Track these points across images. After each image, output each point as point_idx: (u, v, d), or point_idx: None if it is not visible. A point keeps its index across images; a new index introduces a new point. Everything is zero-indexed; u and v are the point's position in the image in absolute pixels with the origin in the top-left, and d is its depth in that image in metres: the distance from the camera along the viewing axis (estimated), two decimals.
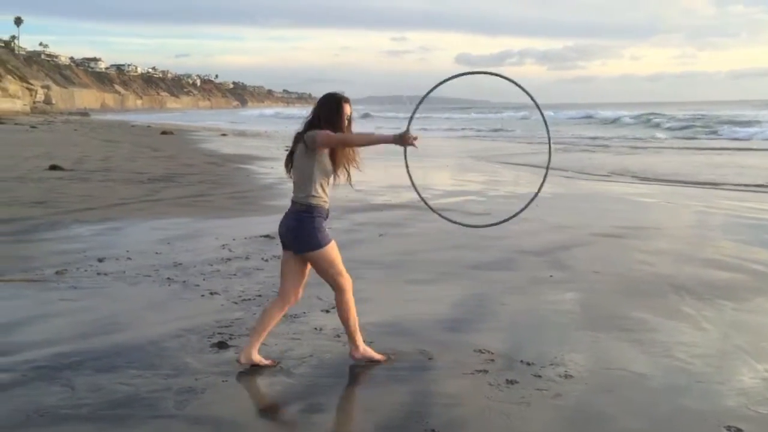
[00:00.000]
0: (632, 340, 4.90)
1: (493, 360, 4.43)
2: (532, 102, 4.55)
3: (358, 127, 4.27)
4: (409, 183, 4.39)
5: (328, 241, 4.13)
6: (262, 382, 4.04)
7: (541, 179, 4.41)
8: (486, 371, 4.24)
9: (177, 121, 65.41)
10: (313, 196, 4.07)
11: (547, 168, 4.53)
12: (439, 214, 4.58)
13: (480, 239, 8.51)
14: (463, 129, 50.97)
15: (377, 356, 4.36)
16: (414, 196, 4.32)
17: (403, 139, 3.98)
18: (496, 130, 47.12)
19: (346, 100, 4.13)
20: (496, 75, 4.69)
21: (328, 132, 3.99)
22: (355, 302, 4.29)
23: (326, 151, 4.07)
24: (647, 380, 4.17)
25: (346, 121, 4.09)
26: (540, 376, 4.18)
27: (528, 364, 4.37)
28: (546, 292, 6.16)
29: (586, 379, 4.18)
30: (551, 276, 6.71)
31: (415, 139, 4.01)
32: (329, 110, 4.08)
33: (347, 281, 4.25)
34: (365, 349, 4.35)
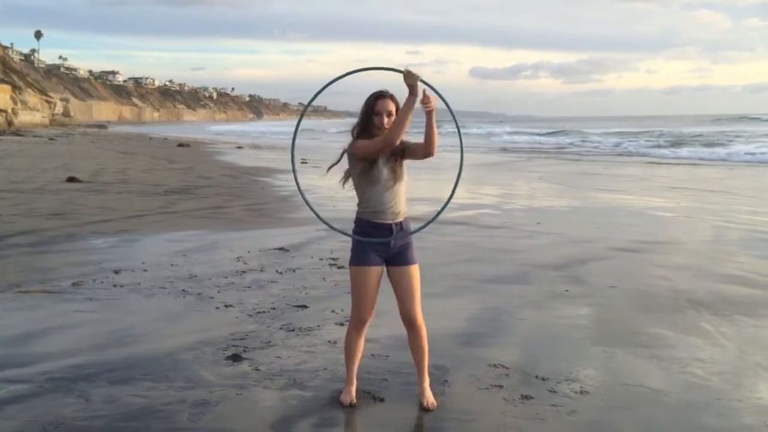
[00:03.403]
0: (649, 356, 4.85)
1: (508, 375, 4.40)
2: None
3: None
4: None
5: (353, 263, 3.86)
6: (276, 396, 4.04)
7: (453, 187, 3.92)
8: (501, 386, 4.22)
9: (192, 134, 65.88)
10: (358, 205, 3.88)
11: (459, 172, 3.92)
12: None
13: (495, 253, 8.50)
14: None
15: (343, 397, 4.00)
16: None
17: (409, 80, 3.57)
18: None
19: (380, 96, 3.77)
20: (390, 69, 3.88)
21: (362, 142, 3.74)
22: (353, 335, 3.97)
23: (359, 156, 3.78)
24: (664, 397, 4.13)
25: (386, 118, 3.73)
26: (555, 392, 4.14)
27: (543, 379, 4.33)
28: (562, 306, 6.12)
29: (602, 395, 4.14)
30: (567, 290, 6.66)
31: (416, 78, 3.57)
32: (361, 114, 3.81)
33: (357, 314, 3.89)
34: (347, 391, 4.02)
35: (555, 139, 52.82)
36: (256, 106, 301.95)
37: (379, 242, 3.80)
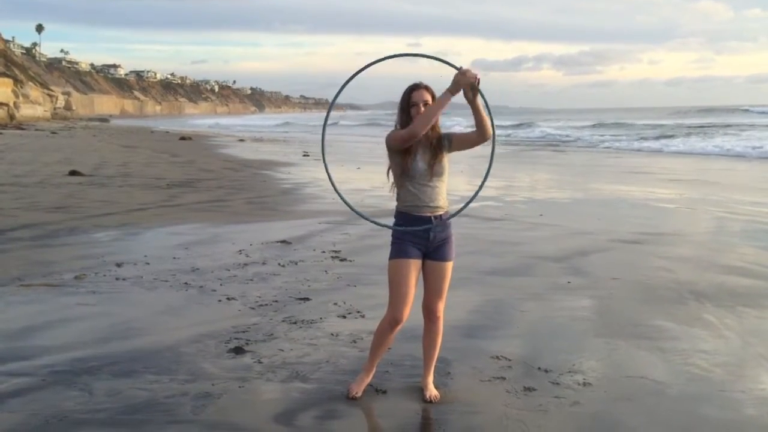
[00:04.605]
0: (652, 348, 4.84)
1: (510, 367, 4.40)
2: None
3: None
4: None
5: (392, 256, 3.84)
6: (278, 388, 4.04)
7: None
8: (503, 378, 4.22)
9: (193, 128, 65.83)
10: (397, 199, 3.88)
11: (490, 164, 4.00)
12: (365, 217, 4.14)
13: (497, 245, 8.49)
14: None
15: (352, 386, 3.99)
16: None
17: (463, 80, 3.49)
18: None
19: (415, 87, 3.75)
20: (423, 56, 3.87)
21: (394, 132, 3.73)
22: (386, 332, 3.90)
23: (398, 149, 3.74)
24: (667, 388, 4.12)
25: (422, 108, 3.68)
26: (558, 384, 4.14)
27: (546, 371, 4.33)
28: (564, 298, 6.11)
29: (605, 386, 4.13)
30: (569, 282, 6.65)
31: (474, 76, 3.50)
32: (399, 109, 3.77)
33: (392, 313, 3.82)
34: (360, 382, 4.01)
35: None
36: (257, 99, 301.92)
37: (415, 230, 3.78)
